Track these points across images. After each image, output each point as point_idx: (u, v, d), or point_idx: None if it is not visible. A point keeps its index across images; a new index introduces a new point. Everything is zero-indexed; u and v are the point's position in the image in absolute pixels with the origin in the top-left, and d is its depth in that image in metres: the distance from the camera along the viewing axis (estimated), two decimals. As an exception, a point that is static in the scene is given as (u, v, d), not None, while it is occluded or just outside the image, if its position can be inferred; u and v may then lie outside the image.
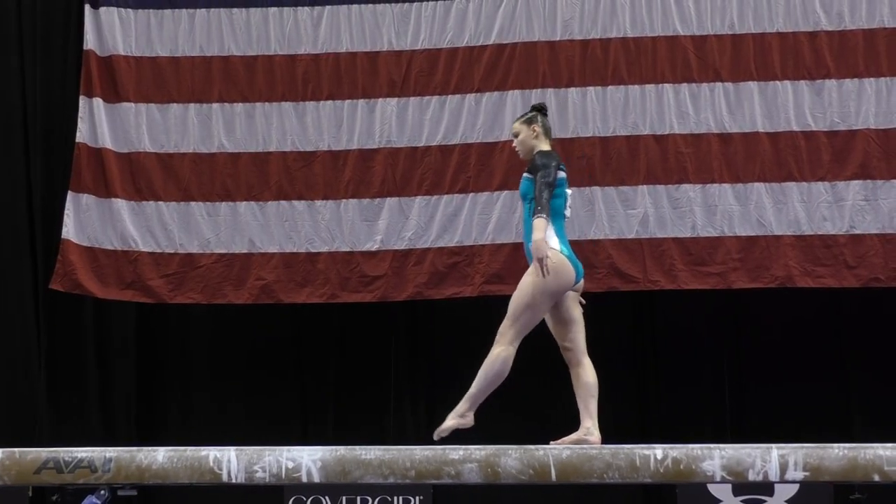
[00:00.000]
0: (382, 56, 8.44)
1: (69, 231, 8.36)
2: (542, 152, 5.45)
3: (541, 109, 5.61)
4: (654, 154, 8.19)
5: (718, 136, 8.16)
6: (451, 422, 5.22)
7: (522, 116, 5.64)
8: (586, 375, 5.36)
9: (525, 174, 5.48)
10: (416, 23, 8.43)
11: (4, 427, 8.60)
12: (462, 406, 5.22)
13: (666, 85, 8.22)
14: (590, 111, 8.25)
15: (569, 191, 5.48)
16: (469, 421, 5.23)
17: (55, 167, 8.79)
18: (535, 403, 8.47)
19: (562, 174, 5.43)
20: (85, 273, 8.34)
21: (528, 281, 5.25)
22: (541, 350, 8.76)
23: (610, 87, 8.26)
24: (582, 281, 5.44)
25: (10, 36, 8.91)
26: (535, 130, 5.53)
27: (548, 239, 5.28)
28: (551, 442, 5.12)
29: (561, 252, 5.30)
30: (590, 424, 5.28)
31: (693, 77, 8.21)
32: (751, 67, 8.17)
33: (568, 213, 5.46)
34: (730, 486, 7.74)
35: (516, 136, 5.60)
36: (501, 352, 5.19)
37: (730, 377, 8.59)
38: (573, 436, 5.26)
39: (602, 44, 8.29)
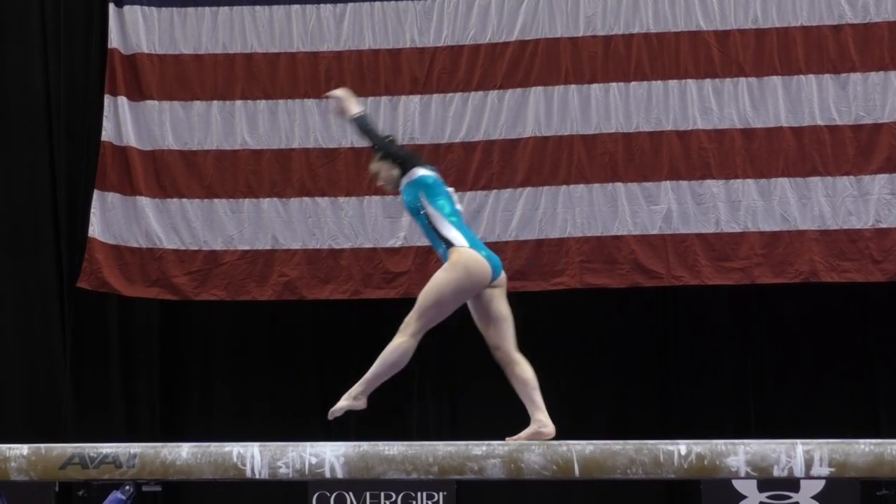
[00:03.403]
0: (405, 53, 8.45)
1: (95, 230, 8.41)
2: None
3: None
4: (677, 150, 8.16)
5: (742, 131, 8.13)
6: (344, 402, 5.16)
7: (375, 154, 5.44)
8: (524, 372, 5.24)
9: (402, 188, 5.35)
10: (439, 20, 8.43)
11: (29, 423, 8.66)
12: (356, 388, 5.17)
13: (689, 80, 8.19)
14: (612, 107, 8.23)
15: (450, 188, 5.40)
16: (362, 404, 5.14)
17: (78, 164, 8.84)
18: (557, 399, 8.45)
19: (433, 174, 5.34)
20: (111, 271, 8.39)
21: (441, 277, 5.20)
22: (561, 348, 8.76)
23: (633, 82, 8.24)
24: (503, 275, 5.36)
25: (33, 34, 8.96)
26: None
27: (453, 239, 5.23)
28: (507, 438, 5.06)
29: (470, 247, 5.25)
30: (541, 416, 5.17)
31: (716, 72, 8.17)
32: (774, 62, 8.13)
33: (460, 207, 5.40)
34: (755, 481, 7.71)
35: (377, 174, 5.46)
36: (402, 343, 5.16)
37: (753, 372, 8.55)
38: (527, 431, 5.17)
39: (625, 39, 8.27)
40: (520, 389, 5.26)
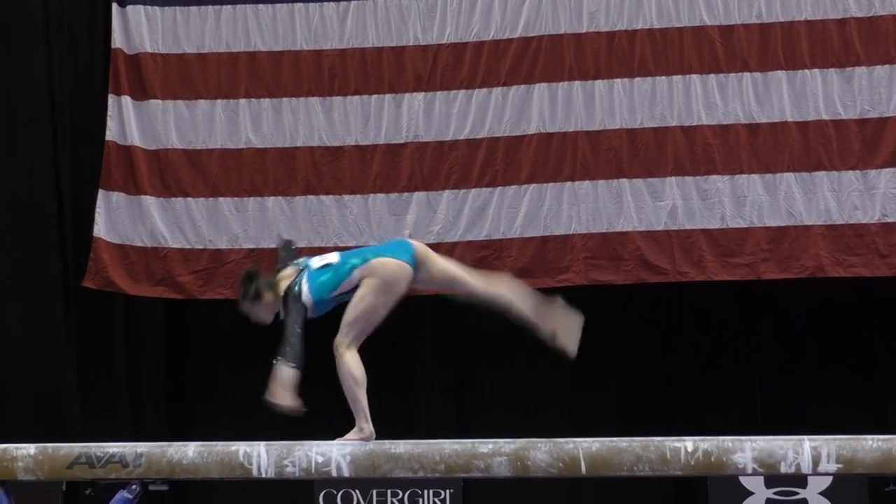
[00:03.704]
0: (408, 50, 8.44)
1: (100, 229, 8.41)
2: (287, 297, 5.31)
3: (250, 277, 5.38)
4: (682, 145, 8.15)
5: (747, 126, 8.11)
6: (357, 442, 5.13)
7: (243, 295, 5.36)
8: (503, 283, 5.21)
9: (315, 314, 5.36)
10: (442, 17, 8.42)
11: (35, 423, 8.66)
12: (359, 423, 5.14)
13: (693, 76, 8.18)
14: (617, 103, 8.22)
15: (314, 258, 5.36)
16: (370, 433, 5.10)
17: (83, 163, 8.85)
18: (562, 396, 8.45)
19: (304, 285, 5.31)
20: (116, 271, 8.40)
21: (360, 294, 5.17)
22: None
23: (637, 78, 8.22)
24: (419, 249, 5.25)
25: (37, 34, 8.96)
26: (266, 300, 5.37)
27: (361, 271, 5.20)
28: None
29: (379, 257, 5.19)
30: (559, 309, 5.14)
31: (720, 67, 8.15)
32: (779, 56, 8.11)
33: (334, 257, 5.31)
34: (762, 478, 7.69)
35: (248, 316, 5.38)
36: (343, 360, 5.15)
37: (759, 367, 8.54)
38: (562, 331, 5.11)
39: (628, 35, 8.25)
40: (511, 301, 5.17)
